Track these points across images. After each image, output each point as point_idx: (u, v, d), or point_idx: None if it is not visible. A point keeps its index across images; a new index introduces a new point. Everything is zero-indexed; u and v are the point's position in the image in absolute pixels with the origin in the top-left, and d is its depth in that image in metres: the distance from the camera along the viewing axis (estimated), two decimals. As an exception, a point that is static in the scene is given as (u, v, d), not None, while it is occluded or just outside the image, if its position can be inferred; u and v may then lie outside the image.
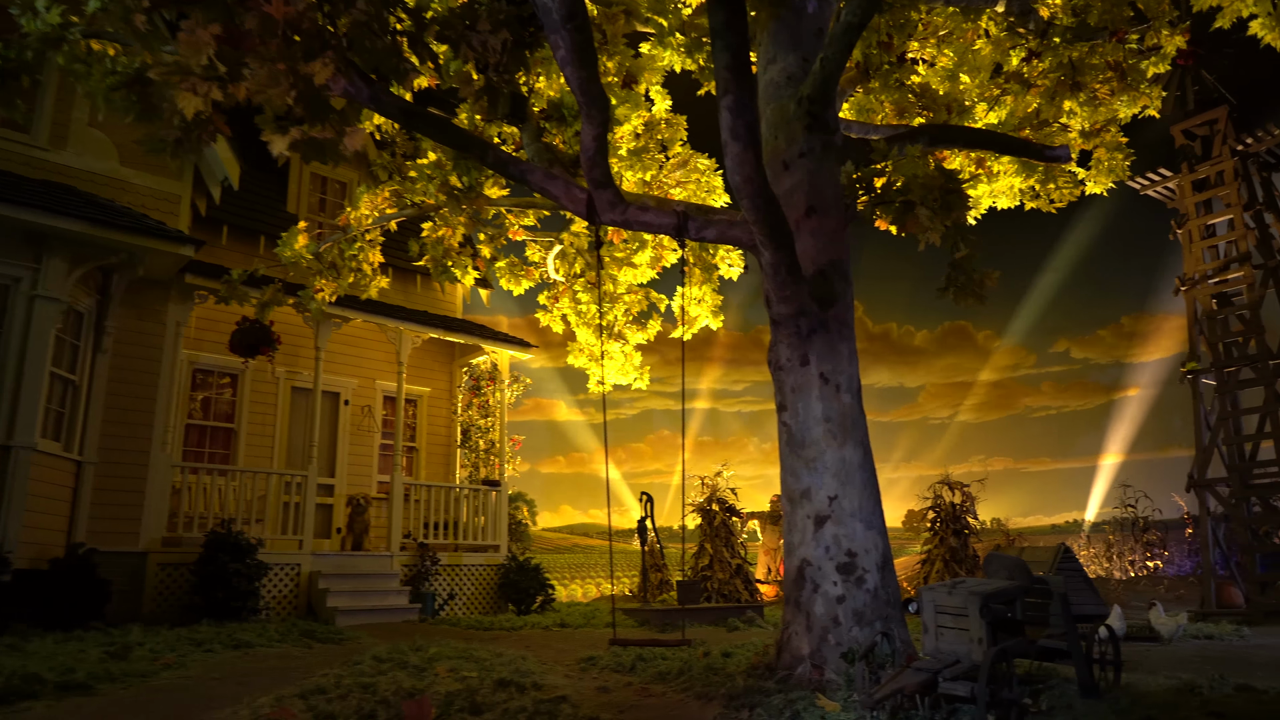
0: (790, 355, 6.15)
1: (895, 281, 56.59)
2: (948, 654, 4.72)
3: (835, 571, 5.66)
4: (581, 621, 11.20)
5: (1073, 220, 38.91)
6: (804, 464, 5.97)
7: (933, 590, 4.81)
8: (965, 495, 15.43)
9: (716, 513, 15.21)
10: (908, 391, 47.53)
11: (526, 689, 5.45)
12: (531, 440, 35.67)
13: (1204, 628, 11.34)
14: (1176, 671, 7.85)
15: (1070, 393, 40.92)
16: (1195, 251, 14.99)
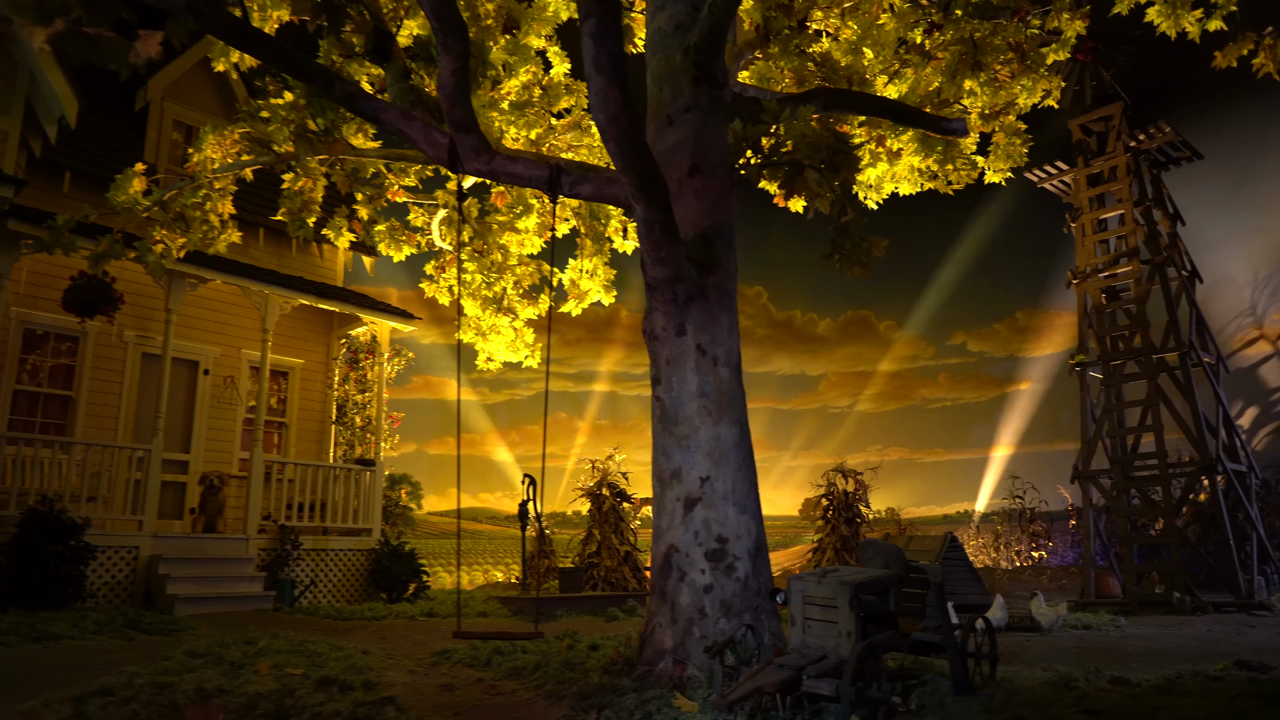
0: (666, 324, 5.72)
1: (800, 269, 57.67)
2: (815, 649, 4.38)
3: (704, 559, 5.27)
4: (452, 610, 10.62)
5: (973, 215, 40.22)
6: (676, 442, 5.56)
7: (801, 580, 4.46)
8: (858, 484, 15.42)
9: (606, 498, 14.77)
10: (809, 380, 48.63)
11: (354, 688, 4.88)
12: (419, 420, 34.71)
13: (1083, 617, 11.51)
14: (1054, 663, 7.80)
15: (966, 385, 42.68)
16: (1087, 245, 15.27)
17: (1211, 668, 7.68)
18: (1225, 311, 26.00)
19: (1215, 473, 13.04)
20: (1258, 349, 25.67)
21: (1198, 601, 12.19)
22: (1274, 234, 25.83)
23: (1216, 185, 26.71)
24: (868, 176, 11.20)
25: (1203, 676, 6.77)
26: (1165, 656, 8.54)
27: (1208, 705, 5.38)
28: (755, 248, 40.64)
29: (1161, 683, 6.39)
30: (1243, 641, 9.78)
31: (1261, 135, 26.05)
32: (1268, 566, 13.67)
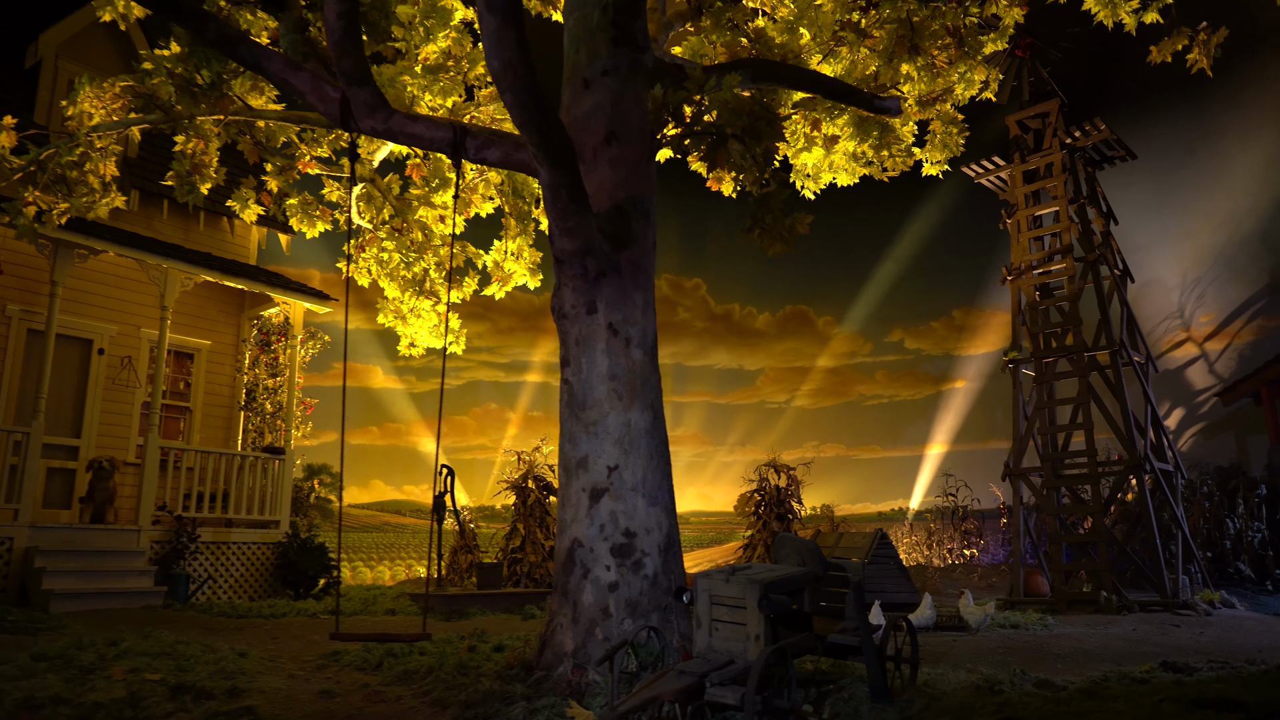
0: (575, 301, 5.33)
1: (740, 262, 57.57)
2: (722, 653, 4.04)
3: (610, 554, 4.90)
4: (359, 608, 10.10)
5: (912, 213, 40.74)
6: (583, 428, 5.18)
7: (708, 577, 4.11)
8: (791, 479, 15.24)
9: (531, 491, 14.33)
10: (747, 374, 48.62)
11: (212, 696, 4.40)
12: (338, 408, 33.77)
13: (1011, 616, 11.46)
14: (980, 665, 7.63)
15: (902, 382, 43.17)
16: (1022, 242, 15.30)
17: (1137, 669, 7.58)
18: (1154, 314, 26.59)
19: (1143, 472, 13.13)
20: (1185, 351, 26.30)
21: (1124, 600, 12.24)
22: (1202, 238, 26.51)
23: (1148, 189, 27.33)
24: (804, 163, 10.95)
25: (1128, 679, 6.63)
26: (1091, 657, 8.46)
27: (1133, 711, 5.19)
28: (695, 240, 40.72)
29: (1087, 686, 6.22)
30: (1167, 641, 9.78)
31: (1190, 140, 26.75)
32: (1192, 565, 13.84)
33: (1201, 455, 19.20)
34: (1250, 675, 7.01)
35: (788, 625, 4.12)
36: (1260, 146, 24.97)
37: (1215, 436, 24.55)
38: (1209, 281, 26.37)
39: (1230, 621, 11.20)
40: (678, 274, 40.99)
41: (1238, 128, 25.58)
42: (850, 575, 4.79)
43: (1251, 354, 22.86)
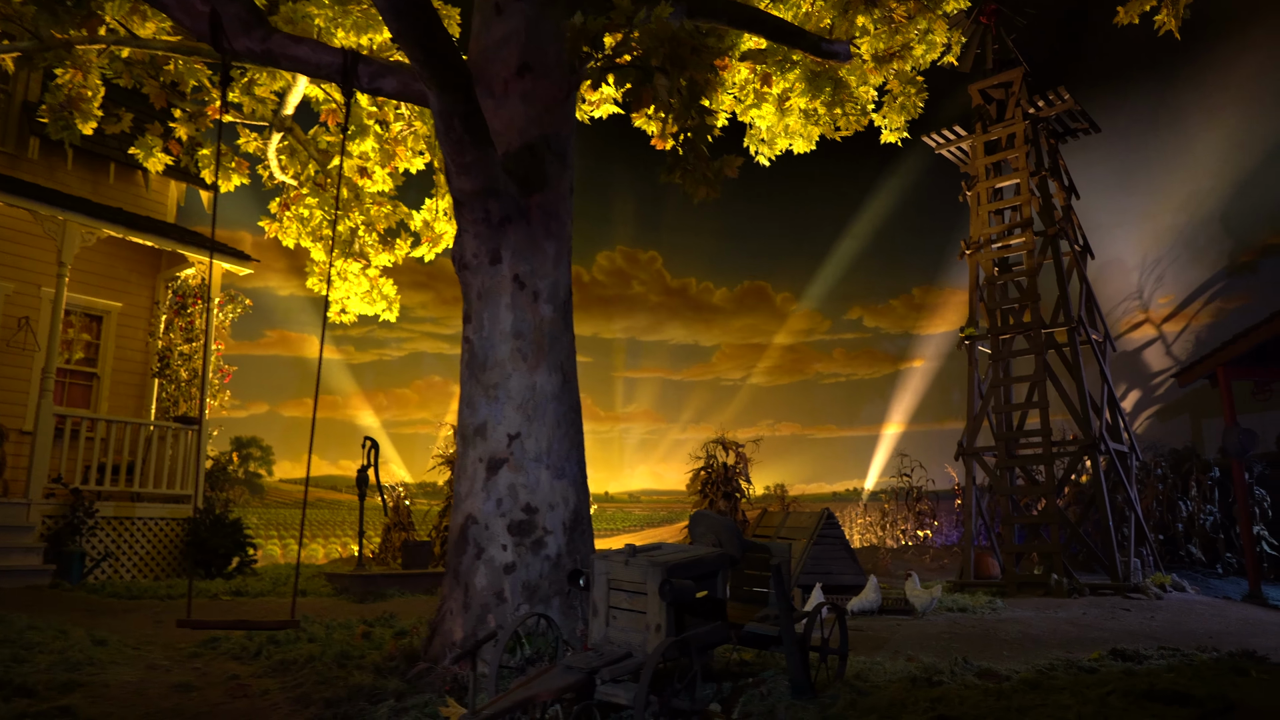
0: (478, 250, 4.81)
1: (697, 236, 56.83)
2: (619, 645, 3.59)
3: (507, 532, 4.42)
4: (268, 588, 9.53)
5: (873, 190, 40.50)
6: (483, 391, 4.67)
7: (606, 559, 3.65)
8: (739, 456, 14.88)
9: (467, 466, 13.81)
10: (702, 350, 48.07)
11: (35, 692, 3.86)
12: (274, 378, 32.36)
13: (960, 599, 11.22)
14: (923, 652, 7.30)
15: (860, 361, 43.04)
16: (982, 215, 15.00)
17: (1085, 657, 7.30)
18: (1114, 294, 26.67)
19: (1098, 453, 12.95)
20: (1143, 332, 26.41)
21: (1074, 584, 12.07)
22: (1162, 219, 26.55)
23: (1111, 167, 27.29)
24: (758, 127, 10.52)
25: (1075, 668, 6.32)
26: (1039, 643, 8.19)
27: (1079, 705, 4.85)
28: (652, 211, 40.05)
29: (1032, 676, 5.89)
30: (1117, 626, 9.57)
31: (1154, 118, 26.72)
32: (1144, 548, 13.74)
33: (1157, 437, 19.19)
34: (1201, 664, 6.74)
35: (697, 613, 3.68)
36: (1223, 126, 25.02)
37: (1171, 419, 24.72)
38: (1169, 263, 26.49)
39: (1181, 605, 11.06)
40: (633, 246, 40.46)
41: (1202, 107, 25.61)
42: (775, 557, 4.36)
43: (1209, 336, 22.98)
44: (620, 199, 38.61)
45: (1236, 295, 25.10)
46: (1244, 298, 24.37)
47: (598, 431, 42.16)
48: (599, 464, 41.67)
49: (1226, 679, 6.01)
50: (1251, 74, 24.22)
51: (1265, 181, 24.33)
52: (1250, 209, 24.74)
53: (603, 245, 39.83)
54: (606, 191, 38.52)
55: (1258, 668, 6.68)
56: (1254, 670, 6.38)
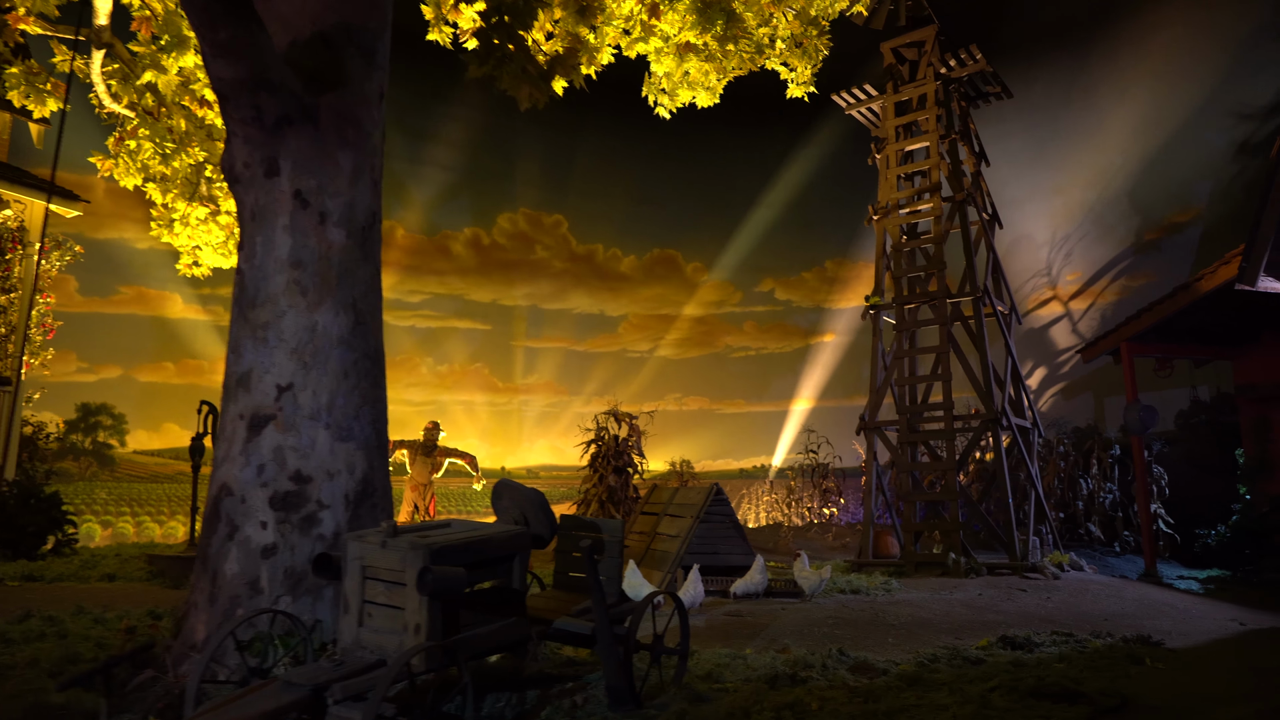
0: (249, 157, 3.95)
1: (607, 200, 55.37)
2: (373, 650, 2.83)
3: (268, 506, 3.62)
4: (74, 570, 8.47)
5: (789, 158, 40.17)
6: (250, 333, 3.84)
7: (360, 541, 2.89)
8: (632, 429, 14.24)
9: (332, 437, 12.83)
10: (608, 320, 47.02)
11: None
12: (128, 340, 30.30)
13: (855, 580, 10.82)
14: (801, 640, 6.75)
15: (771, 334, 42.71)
16: (890, 178, 14.59)
17: (974, 644, 6.87)
18: (1023, 270, 26.88)
19: (1000, 427, 12.70)
20: (1050, 309, 26.72)
21: (972, 563, 11.80)
22: (1073, 194, 26.84)
23: (1023, 142, 27.41)
24: (657, 75, 9.83)
25: (961, 658, 5.83)
26: (929, 628, 7.77)
27: (957, 707, 4.29)
28: (559, 173, 38.81)
29: (912, 669, 5.36)
30: (1012, 608, 9.27)
31: (1068, 93, 26.89)
32: (1043, 526, 13.61)
33: (1061, 415, 19.34)
34: (1095, 652, 6.35)
35: (480, 608, 2.94)
36: (1135, 102, 25.31)
37: (1075, 396, 25.11)
38: (1077, 239, 26.80)
39: (1077, 585, 10.87)
40: (537, 208, 39.27)
41: (1114, 83, 25.86)
42: (606, 536, 3.66)
43: (1114, 313, 23.29)
44: (524, 158, 37.42)
45: (1142, 273, 25.55)
46: (1149, 275, 24.83)
47: (495, 403, 41.04)
48: (496, 437, 40.64)
49: (1121, 669, 5.60)
50: (1163, 50, 24.55)
51: (1172, 159, 24.75)
52: (1157, 186, 25.16)
53: (504, 206, 38.64)
54: (509, 149, 37.26)
55: (1153, 654, 6.32)
56: (1149, 658, 6.00)
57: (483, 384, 41.17)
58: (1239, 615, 9.17)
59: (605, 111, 35.39)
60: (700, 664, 4.84)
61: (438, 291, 38.84)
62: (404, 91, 36.24)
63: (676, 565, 9.60)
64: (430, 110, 36.43)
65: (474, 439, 41.19)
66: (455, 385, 40.72)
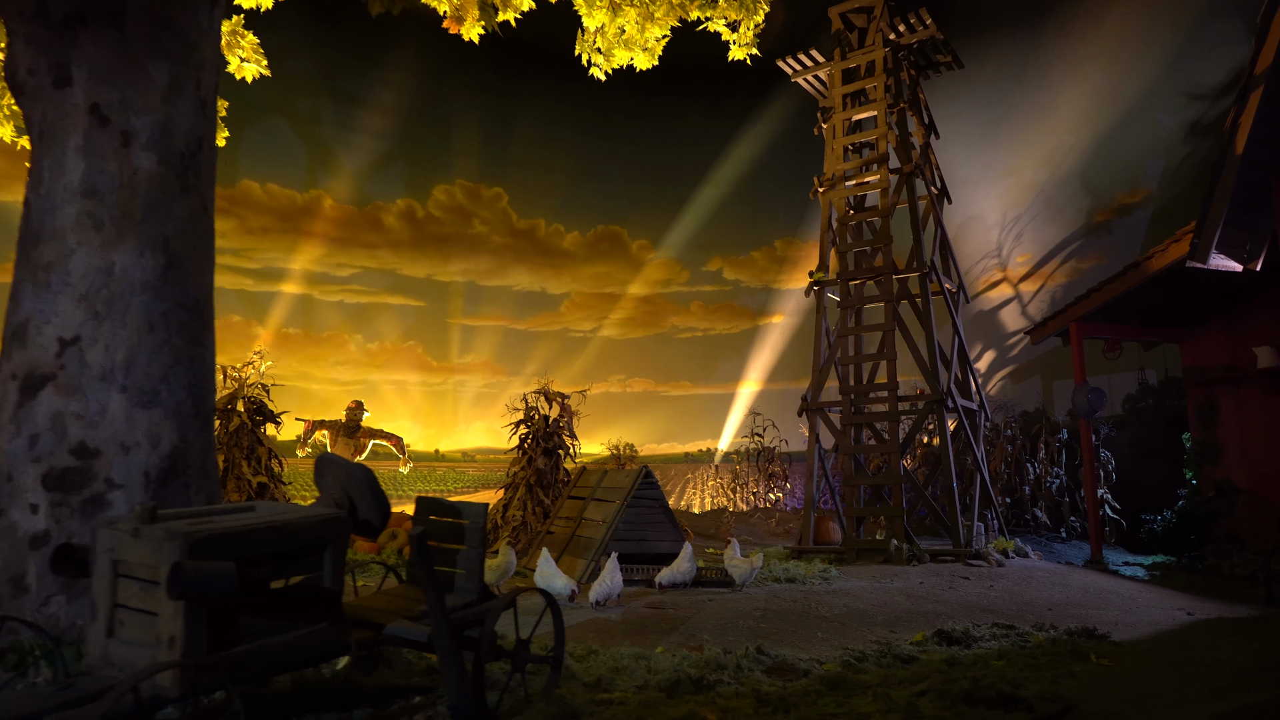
0: (34, 62, 3.28)
1: (549, 173, 53.92)
2: (124, 666, 2.23)
3: (41, 485, 2.98)
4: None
5: (740, 134, 39.70)
6: (30, 275, 3.19)
7: (112, 529, 2.28)
8: (564, 409, 13.65)
9: (239, 415, 12.07)
10: (550, 298, 45.95)
11: None
12: None
13: (793, 568, 10.41)
14: (721, 636, 6.25)
15: (718, 315, 42.17)
16: (837, 149, 14.14)
17: (910, 638, 6.45)
18: (973, 252, 26.74)
19: (945, 409, 12.35)
20: (1000, 291, 26.63)
21: (915, 550, 11.47)
22: (1024, 174, 26.74)
23: (975, 120, 27.23)
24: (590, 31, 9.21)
25: (892, 656, 5.36)
26: (864, 620, 7.34)
27: (881, 714, 3.84)
28: (498, 144, 37.73)
29: (836, 670, 4.88)
30: (954, 597, 8.91)
31: (1021, 70, 26.73)
32: (989, 512, 13.34)
33: (1010, 398, 19.13)
34: (1036, 647, 5.95)
35: (272, 613, 2.36)
36: (1088, 81, 25.21)
37: (1024, 380, 25.06)
38: (1028, 220, 26.72)
39: (1022, 573, 10.58)
40: (476, 181, 38.19)
41: (1068, 60, 25.73)
42: (468, 521, 3.09)
43: (1064, 296, 23.17)
44: (462, 128, 36.28)
45: (1092, 255, 25.55)
46: (1099, 257, 24.84)
47: (429, 383, 39.97)
48: (430, 419, 39.59)
49: (1064, 667, 5.19)
50: (1116, 28, 24.47)
51: (1124, 139, 24.73)
52: (1108, 167, 25.14)
53: (440, 177, 37.46)
54: (447, 118, 36.09)
55: (1098, 649, 5.94)
56: (1094, 654, 5.60)
57: (416, 363, 40.01)
58: (1185, 604, 8.92)
59: (548, 81, 34.54)
60: (594, 668, 4.31)
61: (368, 265, 37.56)
62: (334, 54, 35.02)
63: (600, 553, 9.09)
64: (362, 74, 35.20)
65: (406, 420, 40.11)
66: (386, 364, 39.49)
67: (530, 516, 12.53)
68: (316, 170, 35.79)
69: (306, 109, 35.49)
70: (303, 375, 36.46)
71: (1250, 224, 9.93)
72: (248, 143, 34.18)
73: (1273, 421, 12.16)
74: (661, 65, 9.50)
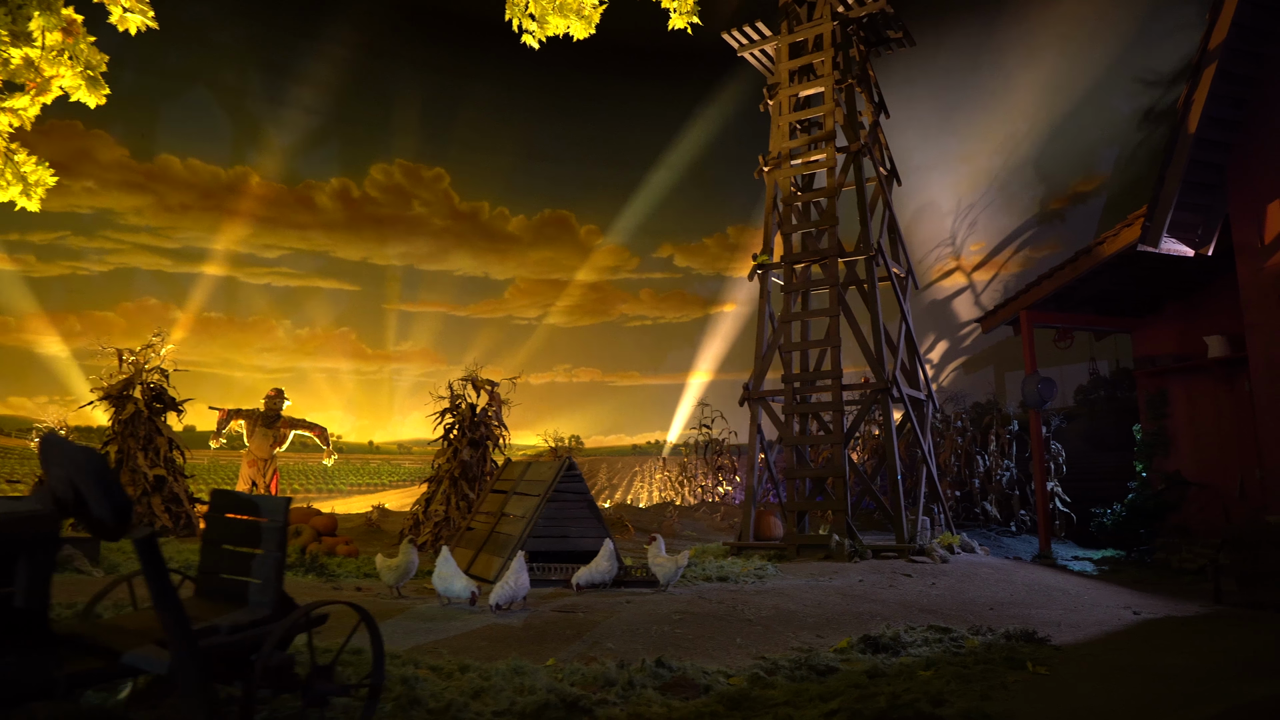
0: None
1: (494, 155, 52.16)
2: None
3: None
4: None
5: (692, 116, 39.06)
6: None
7: None
8: (493, 397, 13.07)
9: (136, 402, 11.33)
10: (494, 284, 44.71)
11: None
12: None
13: (728, 565, 9.97)
14: (630, 643, 5.75)
15: (669, 303, 41.43)
16: (783, 126, 13.69)
17: (833, 643, 5.99)
18: (928, 239, 26.56)
19: (890, 397, 11.97)
20: (954, 280, 26.49)
21: (857, 545, 11.08)
22: (979, 161, 26.60)
23: (931, 107, 27.03)
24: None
25: (808, 667, 4.88)
26: (791, 623, 6.88)
27: (777, 743, 3.36)
28: (440, 123, 36.61)
29: (741, 685, 4.39)
30: (892, 596, 8.52)
31: (976, 56, 26.56)
32: (935, 506, 13.01)
33: (962, 389, 18.94)
34: (970, 654, 5.52)
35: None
36: (1043, 67, 25.09)
37: (977, 371, 24.93)
38: (982, 208, 26.60)
39: (966, 569, 10.25)
40: (416, 160, 37.05)
41: (1023, 45, 25.59)
42: (265, 520, 2.53)
43: (1017, 285, 23.02)
44: (402, 105, 35.11)
45: (1046, 243, 25.47)
46: (1052, 246, 24.75)
47: (363, 372, 38.79)
48: (363, 409, 38.40)
49: (996, 677, 4.75)
50: (1073, 12, 24.37)
51: (1078, 125, 24.67)
52: (1062, 154, 25.07)
53: (378, 156, 36.21)
54: (386, 94, 34.92)
55: (1036, 655, 5.53)
56: (1031, 661, 5.18)
57: (349, 350, 38.65)
58: (1133, 601, 8.62)
59: (496, 59, 33.62)
60: (454, 688, 3.78)
61: (299, 247, 36.10)
62: (265, 26, 33.70)
63: (518, 551, 8.55)
64: (295, 47, 33.80)
65: (338, 410, 38.92)
66: (317, 351, 38.09)
67: (454, 512, 11.96)
68: (243, 145, 34.44)
69: (233, 80, 34.17)
70: (225, 362, 35.09)
71: (1203, 206, 9.65)
72: (167, 115, 32.81)
73: (1223, 412, 11.97)
74: (616, 44, 8.95)
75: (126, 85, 31.10)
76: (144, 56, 30.45)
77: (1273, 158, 9.22)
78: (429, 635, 5.46)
